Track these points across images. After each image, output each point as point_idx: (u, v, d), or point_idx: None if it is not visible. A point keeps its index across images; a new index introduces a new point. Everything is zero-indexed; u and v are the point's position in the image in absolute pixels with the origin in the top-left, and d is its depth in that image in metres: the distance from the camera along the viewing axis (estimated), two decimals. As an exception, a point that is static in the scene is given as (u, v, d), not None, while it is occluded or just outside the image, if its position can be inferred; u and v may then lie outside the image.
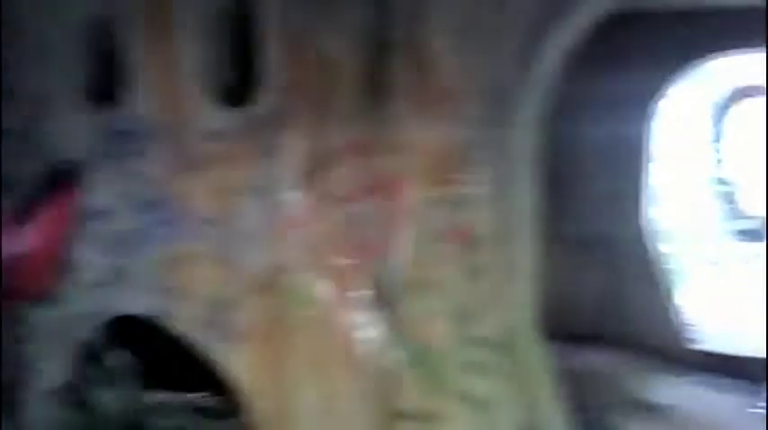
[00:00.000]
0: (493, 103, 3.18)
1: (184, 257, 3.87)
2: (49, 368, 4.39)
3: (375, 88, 3.41)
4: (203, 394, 4.35)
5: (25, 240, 4.25)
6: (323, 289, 3.55)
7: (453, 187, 3.24)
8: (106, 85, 4.06)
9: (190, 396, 4.29)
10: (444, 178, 3.26)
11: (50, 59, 4.18)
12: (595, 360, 6.09)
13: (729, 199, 12.25)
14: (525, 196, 3.32)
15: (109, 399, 4.28)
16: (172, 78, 3.82)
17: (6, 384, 4.50)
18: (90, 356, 4.33)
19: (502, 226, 3.34)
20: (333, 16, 3.50)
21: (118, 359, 4.29)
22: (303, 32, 3.56)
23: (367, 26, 3.39)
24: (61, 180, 4.11)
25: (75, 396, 4.36)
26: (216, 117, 3.77)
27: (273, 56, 3.60)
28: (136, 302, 4.05)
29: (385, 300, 3.45)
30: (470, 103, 3.20)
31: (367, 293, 3.49)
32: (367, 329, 3.50)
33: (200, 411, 4.29)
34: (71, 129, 4.11)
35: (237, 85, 3.88)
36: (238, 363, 3.77)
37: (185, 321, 3.88)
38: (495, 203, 3.29)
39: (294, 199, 3.62)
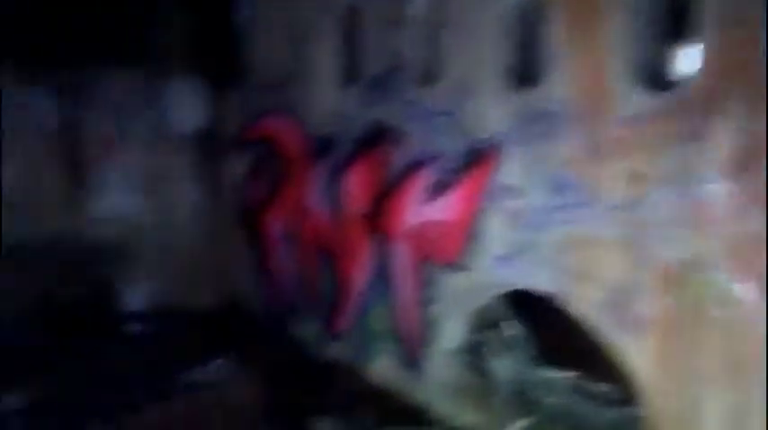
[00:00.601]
0: None
1: (589, 241, 3.87)
2: (451, 329, 4.82)
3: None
4: (591, 377, 4.33)
5: (443, 210, 4.69)
6: (743, 290, 3.24)
7: None
8: (526, 68, 4.24)
9: (579, 377, 4.30)
10: None
11: (477, 44, 4.48)
12: None
13: None
14: None
15: (502, 367, 4.52)
16: (593, 62, 3.80)
17: (410, 341, 5.05)
18: (488, 324, 4.62)
19: None
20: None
21: (514, 330, 4.50)
22: (744, 10, 3.23)
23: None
24: (478, 157, 4.42)
25: (471, 359, 4.71)
26: (635, 101, 3.65)
27: (708, 36, 3.34)
28: (536, 279, 4.19)
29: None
30: None
31: (799, 302, 3.09)
32: (793, 341, 3.11)
33: (588, 395, 4.28)
34: (490, 110, 4.38)
35: (662, 68, 3.73)
36: (638, 354, 3.66)
37: (585, 304, 3.90)
38: None
39: (715, 191, 3.35)
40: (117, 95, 6.71)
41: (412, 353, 5.10)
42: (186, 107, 7.11)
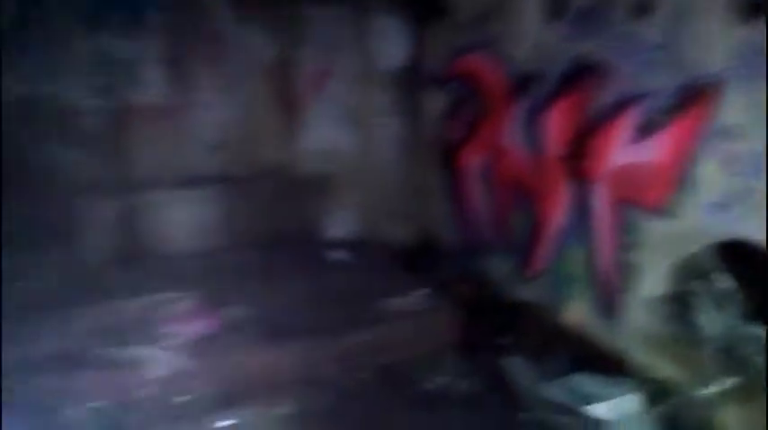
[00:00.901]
0: None
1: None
2: (652, 278, 4.59)
3: None
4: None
5: (651, 152, 4.42)
6: None
7: None
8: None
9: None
10: None
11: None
12: None
13: None
14: None
15: (710, 321, 4.23)
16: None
17: (608, 287, 4.88)
18: (696, 274, 4.34)
19: None
20: None
21: (725, 282, 4.19)
22: None
23: None
24: (695, 95, 4.08)
25: (674, 310, 4.46)
26: None
27: None
28: (754, 229, 3.85)
29: None
30: None
31: None
32: None
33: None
34: (711, 44, 4.00)
35: None
36: None
37: (812, 259, 3.54)
38: None
39: None
40: (327, 31, 6.97)
41: (609, 299, 4.94)
42: (390, 43, 7.24)
